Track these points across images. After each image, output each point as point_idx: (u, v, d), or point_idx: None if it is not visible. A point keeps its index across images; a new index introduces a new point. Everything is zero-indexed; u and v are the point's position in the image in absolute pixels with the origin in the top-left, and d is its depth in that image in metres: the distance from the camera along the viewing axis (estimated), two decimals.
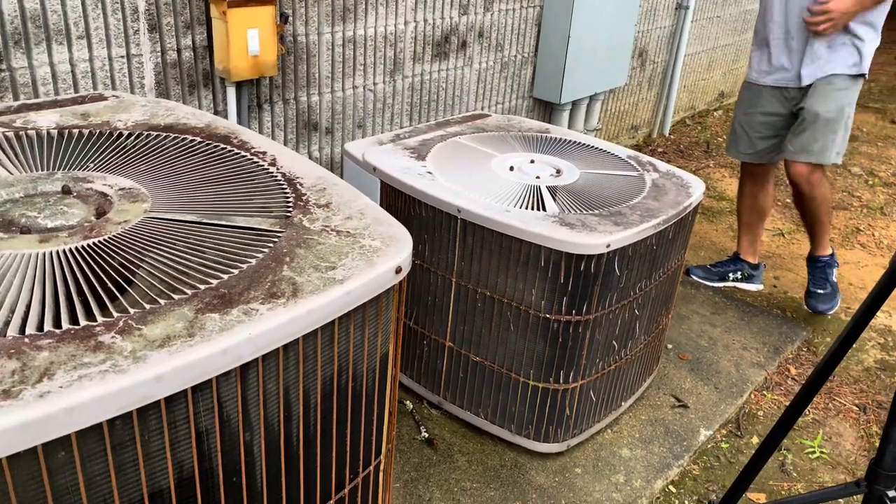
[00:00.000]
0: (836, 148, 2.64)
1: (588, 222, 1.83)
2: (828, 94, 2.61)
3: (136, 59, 2.17)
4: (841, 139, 2.64)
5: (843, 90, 2.60)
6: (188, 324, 0.79)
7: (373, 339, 0.97)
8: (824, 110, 2.60)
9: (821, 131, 2.62)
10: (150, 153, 1.22)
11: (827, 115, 2.60)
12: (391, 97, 2.95)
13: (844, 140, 2.66)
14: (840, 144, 2.65)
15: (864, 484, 1.07)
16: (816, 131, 2.63)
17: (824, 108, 2.60)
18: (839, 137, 2.64)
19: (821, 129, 2.62)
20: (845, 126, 2.64)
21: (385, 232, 1.02)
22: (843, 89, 2.60)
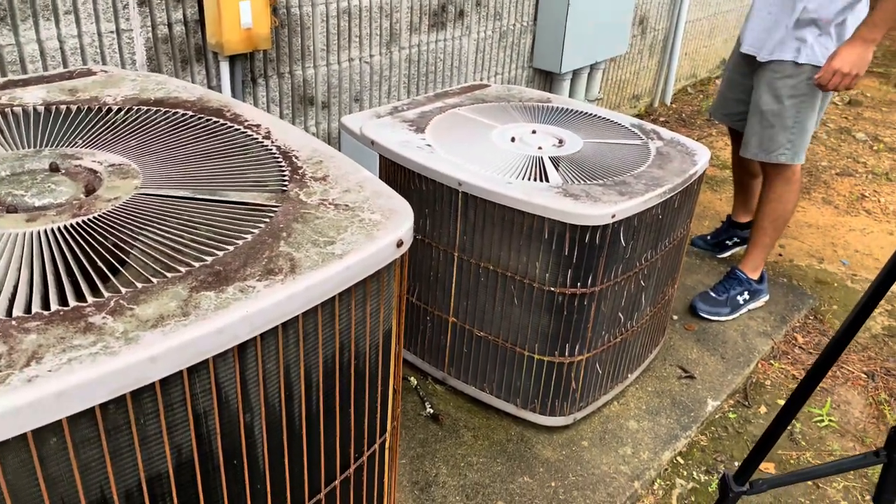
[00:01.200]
0: (777, 146, 2.36)
1: (592, 192, 1.79)
2: (770, 85, 2.34)
3: (126, 35, 2.12)
4: (785, 138, 2.35)
5: (788, 78, 2.31)
6: (182, 303, 0.76)
7: (375, 315, 0.93)
8: (763, 101, 2.36)
9: (757, 125, 2.39)
10: (140, 128, 1.18)
11: (763, 107, 2.36)
12: (388, 69, 2.89)
13: (795, 138, 2.35)
14: (785, 143, 2.35)
15: (883, 453, 1.05)
16: (754, 124, 2.40)
17: (763, 98, 2.36)
18: (780, 136, 2.35)
19: (757, 122, 2.39)
20: (794, 123, 2.33)
21: (385, 205, 0.98)
22: (788, 77, 2.31)
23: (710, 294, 2.60)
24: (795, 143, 2.37)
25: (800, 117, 2.34)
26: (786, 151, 2.38)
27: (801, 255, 3.15)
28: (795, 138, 2.36)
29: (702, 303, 2.58)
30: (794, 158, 2.39)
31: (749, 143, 2.46)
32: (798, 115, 2.33)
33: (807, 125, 2.36)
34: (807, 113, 2.34)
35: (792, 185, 2.46)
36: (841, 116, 4.79)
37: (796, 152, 2.38)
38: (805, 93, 2.31)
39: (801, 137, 2.36)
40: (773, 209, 2.50)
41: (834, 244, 3.28)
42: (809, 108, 2.33)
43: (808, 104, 2.33)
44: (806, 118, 2.34)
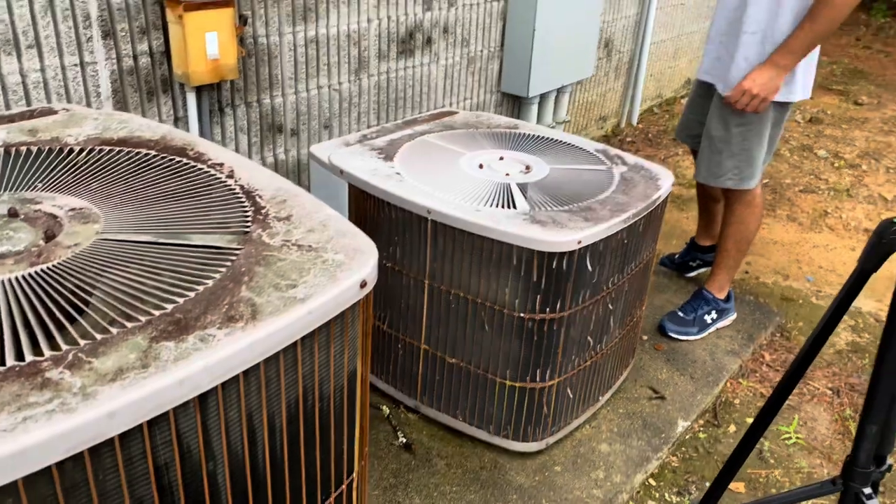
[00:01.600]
0: (724, 172, 2.38)
1: (559, 219, 1.82)
2: (720, 111, 2.37)
3: (91, 67, 2.11)
4: (732, 164, 2.36)
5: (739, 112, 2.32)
6: (142, 354, 0.75)
7: (339, 357, 0.94)
8: (712, 126, 2.39)
9: (707, 150, 2.42)
10: (102, 170, 1.17)
11: (711, 133, 2.39)
12: (357, 96, 2.90)
13: (743, 165, 2.36)
14: (732, 168, 2.37)
15: (839, 482, 1.07)
16: (704, 149, 2.44)
17: (712, 123, 2.39)
18: (727, 161, 2.37)
19: (707, 147, 2.42)
20: (741, 150, 2.35)
21: (349, 244, 0.99)
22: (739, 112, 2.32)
23: (678, 314, 2.63)
24: (742, 170, 2.39)
25: (746, 145, 2.36)
26: (732, 177, 2.40)
27: (767, 272, 3.21)
28: (742, 165, 2.38)
29: (670, 323, 2.61)
30: (741, 184, 2.41)
31: (699, 168, 2.50)
32: (744, 142, 2.35)
33: (753, 153, 2.37)
34: (753, 141, 2.35)
35: (752, 209, 2.49)
36: (802, 134, 4.90)
37: (742, 178, 2.40)
38: (752, 121, 2.33)
39: (747, 164, 2.38)
40: (735, 231, 2.53)
41: (799, 261, 3.34)
42: (756, 136, 2.35)
43: (755, 132, 2.34)
44: (752, 146, 2.36)
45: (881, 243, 0.91)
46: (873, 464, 1.03)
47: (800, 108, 5.34)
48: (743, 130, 2.35)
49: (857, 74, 6.49)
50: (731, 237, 2.55)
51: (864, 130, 5.06)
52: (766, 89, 2.22)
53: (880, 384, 0.96)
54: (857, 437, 1.03)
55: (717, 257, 2.63)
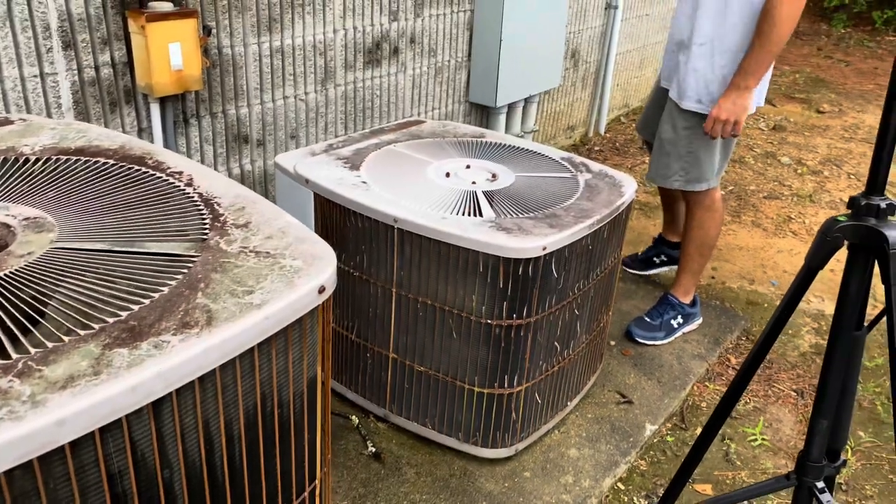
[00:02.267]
0: (671, 173, 2.46)
1: (524, 226, 1.83)
2: (670, 115, 2.45)
3: (51, 79, 2.09)
4: (678, 166, 2.44)
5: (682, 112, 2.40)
6: (94, 361, 0.75)
7: (298, 363, 0.93)
8: (662, 129, 2.48)
9: (657, 151, 2.51)
10: (58, 179, 1.16)
11: (661, 135, 2.47)
12: (324, 106, 2.90)
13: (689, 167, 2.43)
14: (678, 170, 2.45)
15: (793, 476, 1.09)
16: (655, 150, 2.53)
17: (663, 126, 2.47)
18: (674, 164, 2.45)
19: (657, 148, 2.51)
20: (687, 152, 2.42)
21: (307, 250, 0.99)
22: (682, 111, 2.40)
23: (644, 319, 2.66)
24: (689, 172, 2.45)
25: (692, 147, 2.42)
26: (679, 178, 2.47)
27: (733, 277, 3.26)
28: (689, 167, 2.45)
29: (637, 328, 2.64)
30: (688, 186, 2.47)
31: (651, 167, 2.59)
32: (691, 145, 2.42)
33: (700, 156, 2.43)
34: (699, 145, 2.41)
35: (712, 213, 2.54)
36: (766, 141, 5.00)
37: (689, 180, 2.46)
38: (698, 125, 2.39)
39: (694, 167, 2.44)
40: (696, 236, 2.58)
41: (764, 265, 3.40)
42: (701, 140, 2.40)
43: (701, 137, 2.40)
44: (699, 149, 2.42)
45: (825, 241, 0.94)
46: (826, 458, 1.05)
47: (763, 117, 5.45)
48: (689, 134, 2.42)
49: (818, 83, 6.64)
50: (692, 241, 2.60)
51: (825, 137, 5.17)
52: (735, 112, 2.27)
53: (829, 379, 0.99)
54: (809, 432, 1.05)
55: (681, 262, 2.67)
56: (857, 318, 1.07)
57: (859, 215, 1.04)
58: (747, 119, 2.40)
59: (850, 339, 1.01)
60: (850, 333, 1.03)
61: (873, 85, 6.70)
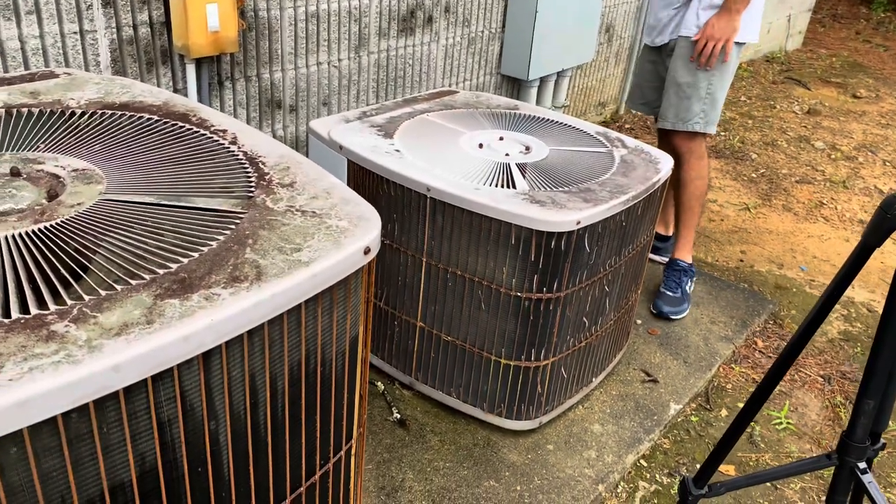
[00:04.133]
0: (692, 116, 2.55)
1: (558, 199, 1.82)
2: (685, 57, 2.54)
3: (90, 36, 2.09)
4: (699, 107, 2.55)
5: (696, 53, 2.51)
6: (146, 310, 0.75)
7: (341, 322, 0.94)
8: (678, 75, 2.56)
9: (675, 97, 2.58)
10: (104, 132, 1.16)
11: (679, 80, 2.56)
12: (356, 74, 2.89)
13: (708, 108, 2.55)
14: (699, 112, 2.55)
15: (835, 456, 1.08)
16: (671, 96, 2.60)
17: (679, 72, 2.56)
18: (695, 105, 2.55)
19: (674, 94, 2.59)
20: (706, 94, 2.54)
21: (352, 212, 0.99)
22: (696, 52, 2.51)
23: (667, 294, 2.66)
24: (708, 113, 2.56)
25: (712, 89, 2.54)
26: (699, 120, 2.57)
27: (762, 260, 3.23)
28: (708, 108, 2.56)
29: (666, 305, 2.63)
30: (707, 127, 2.58)
31: (666, 114, 2.63)
32: (710, 86, 2.53)
33: (718, 96, 2.55)
34: (718, 85, 2.54)
35: (704, 161, 2.67)
36: (800, 125, 4.91)
37: (708, 122, 2.57)
38: (718, 66, 2.50)
39: (712, 108, 2.56)
40: (697, 187, 2.67)
41: (793, 250, 3.36)
42: (720, 80, 2.53)
43: (720, 76, 2.52)
44: (717, 90, 2.54)
45: (886, 217, 0.92)
46: (868, 440, 1.04)
47: (798, 100, 5.34)
48: (709, 75, 2.52)
49: (855, 68, 6.49)
50: (694, 195, 2.68)
51: (861, 123, 5.07)
52: (726, 31, 2.43)
53: (879, 360, 0.97)
54: (854, 412, 1.04)
55: (682, 220, 2.73)
56: None
57: None
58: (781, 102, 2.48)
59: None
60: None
61: None
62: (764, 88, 5.53)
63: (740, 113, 5.01)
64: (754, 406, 1.28)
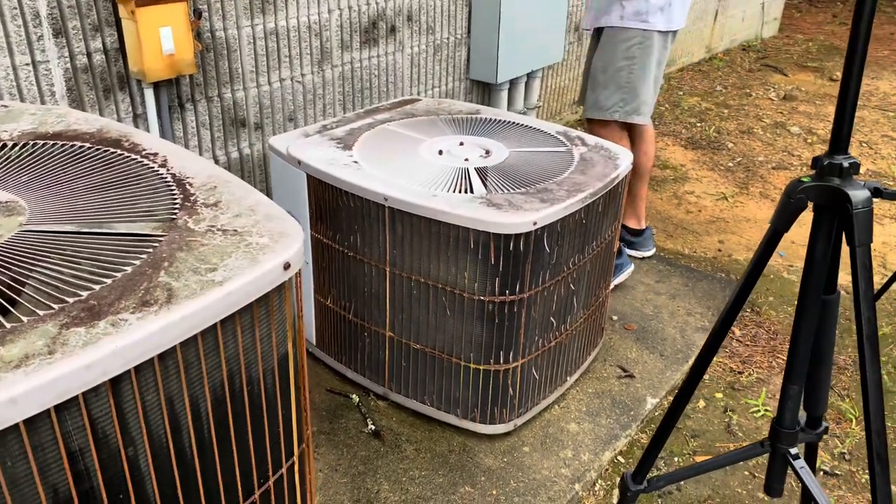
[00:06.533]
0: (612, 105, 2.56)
1: (515, 201, 1.82)
2: (607, 46, 2.56)
3: (43, 66, 2.09)
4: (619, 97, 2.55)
5: (621, 42, 2.52)
6: (50, 340, 0.75)
7: (266, 339, 0.94)
8: (598, 63, 2.58)
9: (594, 85, 2.61)
10: (33, 163, 1.16)
11: (598, 68, 2.58)
12: (321, 88, 2.89)
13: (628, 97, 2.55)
14: (619, 101, 2.55)
15: (767, 444, 1.08)
16: (593, 85, 2.62)
17: (598, 62, 2.58)
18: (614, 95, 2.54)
19: (593, 83, 2.61)
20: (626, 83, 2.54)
21: (274, 228, 0.99)
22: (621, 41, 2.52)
23: None
24: (628, 102, 2.57)
25: (631, 77, 2.54)
26: (619, 109, 2.58)
27: (740, 249, 3.22)
28: (627, 97, 2.56)
29: None
30: (627, 117, 2.59)
31: (586, 104, 2.66)
32: (630, 75, 2.54)
33: (637, 85, 2.55)
34: (637, 73, 2.53)
35: (649, 142, 2.72)
36: (777, 112, 4.92)
37: (628, 111, 2.58)
38: (636, 55, 2.51)
39: (632, 97, 2.56)
40: (641, 164, 2.72)
41: None
42: (640, 69, 2.53)
43: (640, 65, 2.52)
44: (636, 79, 2.54)
45: (790, 202, 0.92)
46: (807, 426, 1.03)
47: (774, 86, 5.35)
48: (628, 64, 2.52)
49: (832, 51, 6.50)
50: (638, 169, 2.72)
51: None
52: None
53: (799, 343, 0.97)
54: (781, 398, 1.04)
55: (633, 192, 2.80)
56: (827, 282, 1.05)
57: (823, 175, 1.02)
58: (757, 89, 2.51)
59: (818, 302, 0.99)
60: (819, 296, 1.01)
61: (889, 51, 6.56)
62: (740, 77, 5.53)
63: (716, 103, 5.01)
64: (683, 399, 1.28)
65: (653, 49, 2.53)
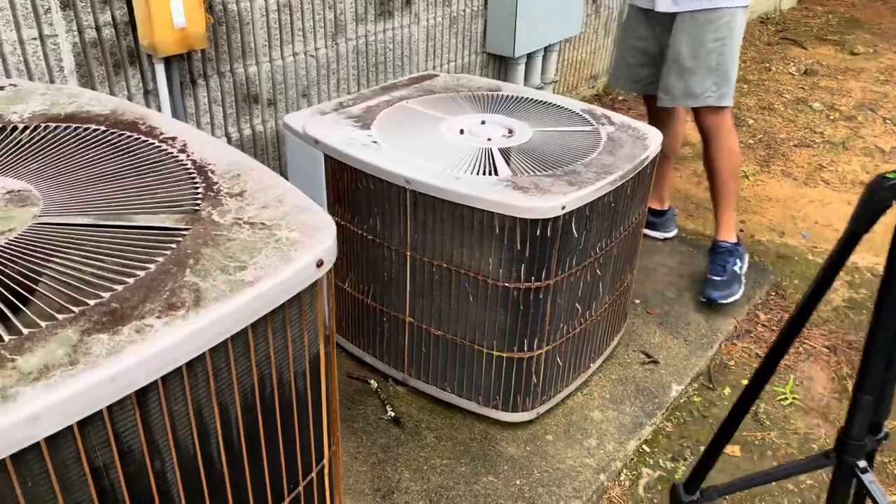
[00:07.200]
0: (704, 91, 2.40)
1: (542, 184, 1.75)
2: (690, 30, 2.37)
3: (51, 41, 2.02)
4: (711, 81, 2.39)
5: (707, 25, 2.35)
6: (71, 349, 0.69)
7: (298, 340, 0.88)
8: (683, 48, 2.39)
9: (680, 72, 2.42)
10: (45, 148, 1.10)
11: (684, 53, 2.39)
12: (335, 62, 2.81)
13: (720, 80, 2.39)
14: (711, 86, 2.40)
15: (833, 455, 1.02)
16: (679, 72, 2.42)
17: (683, 47, 2.39)
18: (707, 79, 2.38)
19: (679, 71, 2.41)
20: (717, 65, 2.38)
21: (306, 221, 0.92)
22: (705, 23, 2.35)
23: (713, 279, 2.52)
24: (720, 86, 2.42)
25: (722, 59, 2.39)
26: (712, 94, 2.43)
27: (762, 229, 3.15)
28: (720, 80, 2.41)
29: (714, 291, 2.48)
30: (721, 101, 2.44)
31: (672, 92, 2.47)
32: (721, 56, 2.39)
33: (728, 67, 2.41)
34: (729, 54, 2.39)
35: (733, 134, 2.53)
36: (797, 87, 4.80)
37: (722, 95, 2.43)
38: (725, 34, 2.36)
39: (725, 79, 2.42)
40: (730, 161, 2.53)
41: (794, 217, 3.28)
42: (731, 49, 2.39)
43: (730, 44, 2.38)
44: (728, 60, 2.40)
45: (872, 201, 0.85)
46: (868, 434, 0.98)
47: (794, 61, 5.22)
48: (719, 45, 2.37)
49: (852, 23, 6.34)
50: (727, 171, 2.54)
51: (859, 81, 4.95)
52: None
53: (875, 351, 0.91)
54: (851, 408, 0.98)
55: (720, 197, 2.59)
56: None
57: None
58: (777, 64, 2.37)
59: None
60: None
61: None
62: (759, 51, 5.40)
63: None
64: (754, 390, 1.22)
65: (740, 26, 2.39)
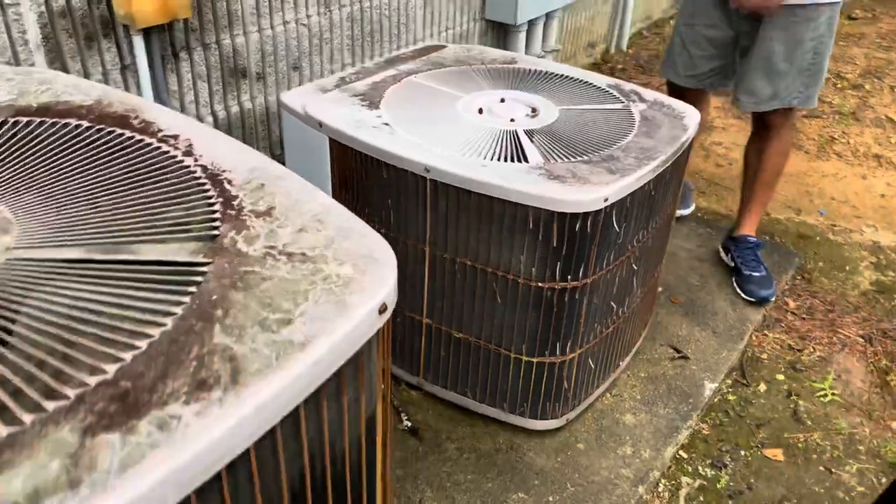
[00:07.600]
0: (792, 91, 2.19)
1: (579, 172, 1.56)
2: (783, 27, 2.13)
3: (13, 10, 1.76)
4: (802, 81, 2.18)
5: (807, 23, 2.11)
6: (69, 461, 0.50)
7: (354, 406, 0.69)
8: (775, 46, 2.15)
9: (769, 72, 2.19)
10: (16, 152, 0.88)
11: (776, 52, 2.15)
12: (328, 31, 2.57)
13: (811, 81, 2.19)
14: (800, 86, 2.19)
15: None
16: (767, 72, 2.19)
17: (775, 44, 2.15)
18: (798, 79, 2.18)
19: (768, 70, 2.19)
20: (810, 65, 2.17)
21: (356, 249, 0.73)
22: (804, 21, 2.11)
23: (755, 275, 2.37)
24: (809, 87, 2.23)
25: (817, 59, 2.19)
26: (799, 95, 2.23)
27: (779, 207, 3.00)
28: (810, 81, 2.22)
29: (762, 289, 2.34)
30: (807, 102, 2.26)
31: (757, 93, 2.24)
32: (816, 55, 2.18)
33: (822, 66, 2.22)
34: (824, 53, 2.20)
35: (793, 131, 2.41)
36: None
37: (809, 96, 2.25)
38: (824, 33, 2.15)
39: (815, 80, 2.23)
40: (780, 163, 2.38)
41: (809, 192, 3.14)
42: (827, 48, 2.19)
43: (827, 42, 2.18)
44: (822, 59, 2.21)
45: None
46: None
47: None
48: (816, 44, 2.16)
49: None
50: (774, 170, 2.39)
51: (861, 47, 4.80)
52: None
53: None
54: None
55: (756, 195, 2.45)
56: None
57: None
58: None
59: None
60: None
61: None
62: None
63: None
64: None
65: (837, 23, 2.18)
